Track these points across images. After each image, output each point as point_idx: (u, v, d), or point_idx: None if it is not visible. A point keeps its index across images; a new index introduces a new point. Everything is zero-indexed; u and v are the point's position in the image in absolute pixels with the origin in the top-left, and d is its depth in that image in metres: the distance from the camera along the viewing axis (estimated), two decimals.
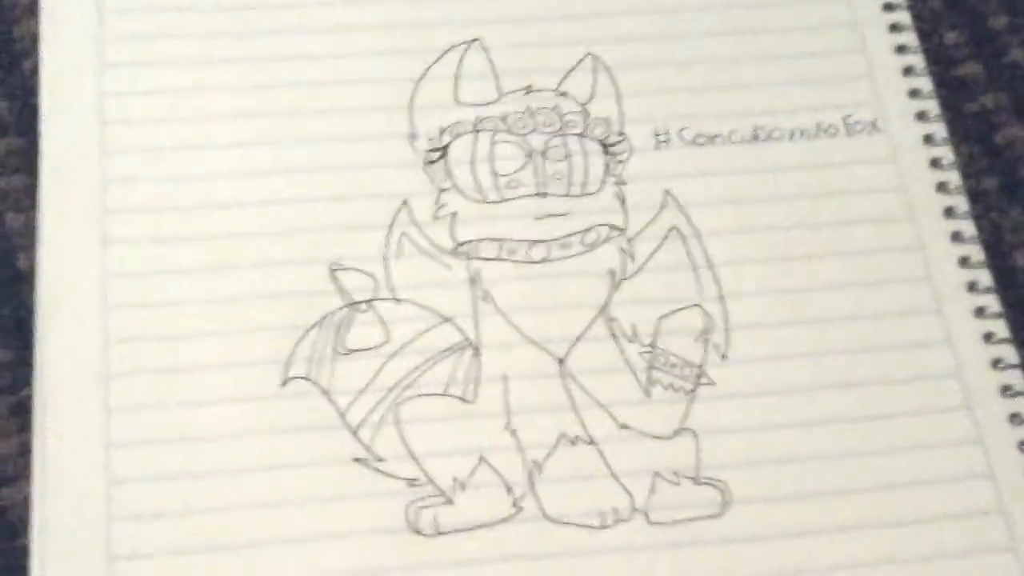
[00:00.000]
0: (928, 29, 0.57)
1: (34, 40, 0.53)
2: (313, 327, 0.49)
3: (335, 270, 0.50)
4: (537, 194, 0.52)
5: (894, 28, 0.56)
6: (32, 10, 0.54)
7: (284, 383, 0.48)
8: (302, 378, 0.48)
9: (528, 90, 0.54)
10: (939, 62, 0.56)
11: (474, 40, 0.54)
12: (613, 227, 0.51)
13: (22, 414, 0.48)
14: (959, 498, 0.48)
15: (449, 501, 0.47)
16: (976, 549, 0.47)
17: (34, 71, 0.53)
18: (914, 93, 0.55)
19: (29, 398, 0.48)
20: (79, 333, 0.48)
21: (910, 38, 0.56)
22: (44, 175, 0.51)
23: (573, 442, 0.48)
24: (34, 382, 0.48)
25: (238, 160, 0.51)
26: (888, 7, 0.56)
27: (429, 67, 0.54)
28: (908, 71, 0.55)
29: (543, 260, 0.51)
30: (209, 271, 0.49)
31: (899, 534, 0.47)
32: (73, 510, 0.46)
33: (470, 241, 0.51)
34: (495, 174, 0.52)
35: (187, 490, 0.46)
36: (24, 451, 0.47)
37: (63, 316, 0.48)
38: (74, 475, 0.46)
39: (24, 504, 0.46)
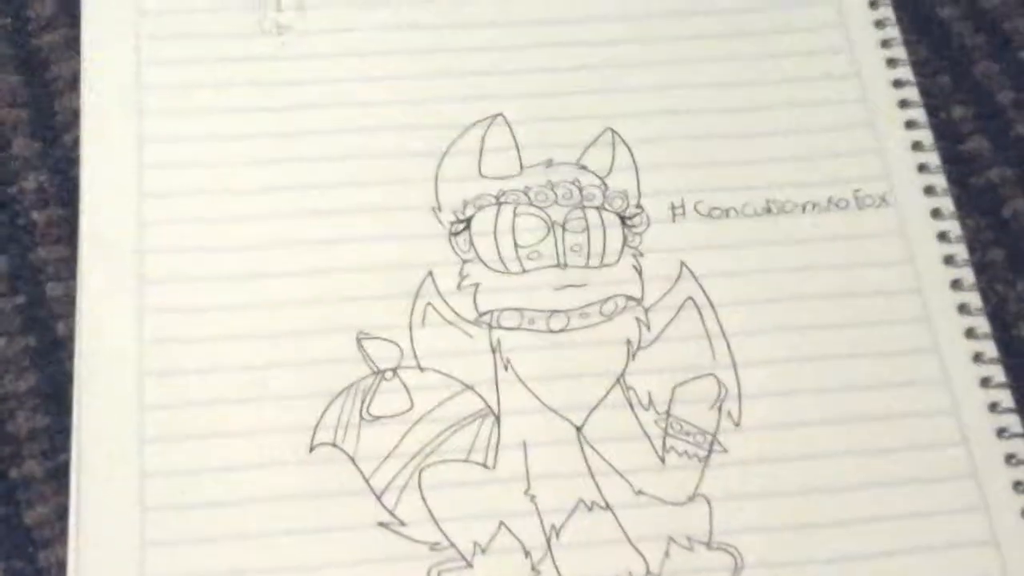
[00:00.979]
0: (936, 104, 0.59)
1: (75, 114, 0.55)
2: (340, 394, 0.50)
3: (361, 339, 0.51)
4: (557, 265, 0.53)
5: (903, 104, 0.58)
6: (74, 85, 0.56)
7: (312, 449, 0.50)
8: (330, 444, 0.50)
9: (549, 164, 0.55)
10: (946, 137, 0.58)
11: (497, 115, 0.56)
12: (630, 297, 0.53)
13: (60, 478, 0.49)
14: (967, 563, 0.49)
15: (469, 565, 0.48)
16: None
17: (75, 144, 0.55)
18: (922, 168, 0.56)
19: (66, 463, 0.49)
20: (116, 399, 0.50)
21: (919, 113, 0.58)
22: (84, 246, 0.52)
23: (590, 507, 0.49)
24: (72, 447, 0.49)
25: (270, 232, 0.53)
26: (897, 83, 0.58)
27: (454, 142, 0.56)
28: (916, 146, 0.57)
29: (562, 330, 0.52)
30: (241, 340, 0.51)
31: None
32: (108, 573, 0.47)
33: (492, 311, 0.52)
34: (517, 245, 0.53)
35: (219, 553, 0.48)
36: (61, 515, 0.49)
37: (100, 383, 0.50)
38: (109, 538, 0.48)
39: (60, 567, 0.48)
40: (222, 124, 0.55)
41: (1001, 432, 0.51)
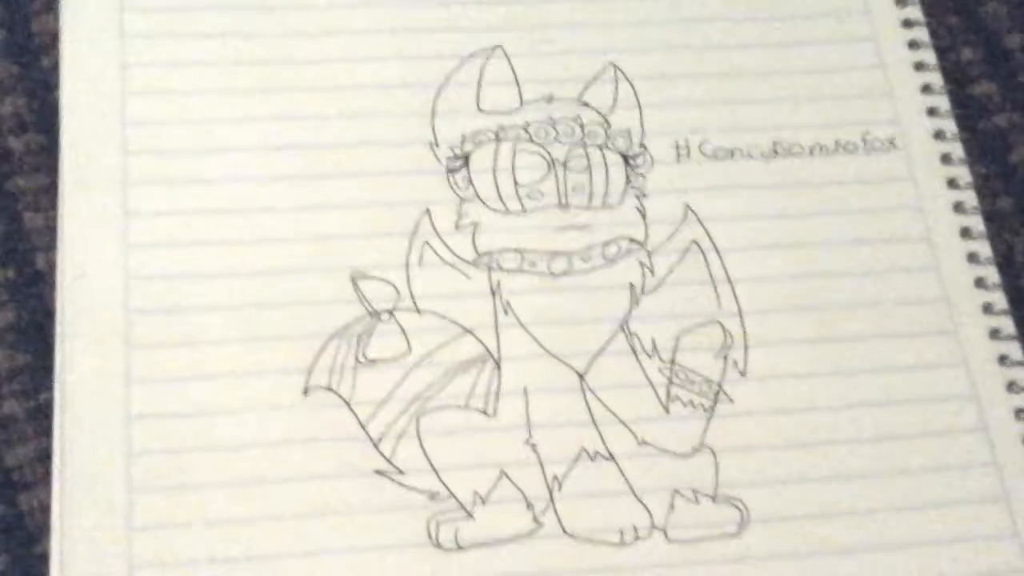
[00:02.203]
0: (944, 46, 0.57)
1: (54, 36, 0.53)
2: (334, 336, 0.49)
3: (356, 279, 0.50)
4: (558, 205, 0.51)
5: (913, 45, 0.56)
6: (51, 5, 0.53)
7: (306, 392, 0.48)
8: (324, 388, 0.48)
9: (550, 99, 0.53)
10: (954, 80, 0.56)
11: (496, 47, 0.54)
12: (633, 240, 0.51)
13: (40, 418, 0.47)
14: (975, 520, 0.48)
15: (470, 516, 0.47)
16: (994, 572, 0.47)
17: (54, 67, 0.52)
18: (932, 111, 0.55)
19: (48, 402, 0.47)
20: (100, 338, 0.48)
21: (928, 55, 0.56)
22: (65, 174, 0.50)
23: (593, 458, 0.48)
24: (54, 387, 0.47)
25: (260, 164, 0.51)
26: (907, 24, 0.56)
27: (451, 73, 0.53)
28: (926, 89, 0.55)
29: (564, 273, 0.51)
30: (231, 277, 0.49)
31: (916, 555, 0.48)
32: (95, 518, 0.45)
33: (491, 252, 0.51)
34: (516, 184, 0.52)
35: (208, 499, 0.46)
36: (42, 456, 0.47)
37: (84, 320, 0.48)
38: (96, 483, 0.46)
39: (42, 510, 0.46)
40: (208, 50, 0.53)
41: (1011, 386, 0.50)
